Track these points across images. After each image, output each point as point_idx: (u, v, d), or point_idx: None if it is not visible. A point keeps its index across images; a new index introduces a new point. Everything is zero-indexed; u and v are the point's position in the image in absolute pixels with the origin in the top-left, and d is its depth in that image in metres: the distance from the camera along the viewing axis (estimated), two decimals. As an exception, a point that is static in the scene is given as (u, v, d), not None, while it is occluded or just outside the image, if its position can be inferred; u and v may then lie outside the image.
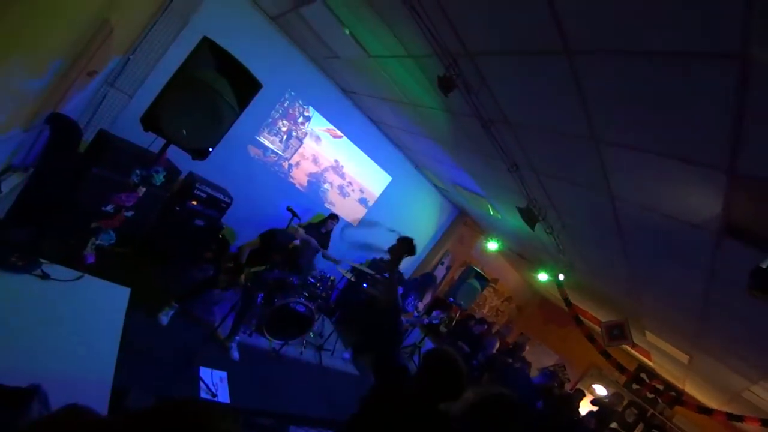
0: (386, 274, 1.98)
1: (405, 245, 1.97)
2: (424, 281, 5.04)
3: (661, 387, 7.10)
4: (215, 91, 2.24)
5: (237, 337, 3.66)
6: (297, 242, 3.94)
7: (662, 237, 2.84)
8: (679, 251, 2.89)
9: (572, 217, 3.76)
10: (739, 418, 4.96)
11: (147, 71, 3.99)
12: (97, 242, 2.73)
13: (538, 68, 2.07)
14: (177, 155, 3.00)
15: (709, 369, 4.98)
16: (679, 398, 6.40)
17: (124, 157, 3.37)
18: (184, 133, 2.26)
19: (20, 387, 1.06)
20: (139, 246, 4.10)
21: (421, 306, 5.57)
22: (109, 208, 2.73)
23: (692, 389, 6.96)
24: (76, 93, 3.22)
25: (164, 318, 3.41)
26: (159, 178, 2.72)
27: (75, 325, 1.83)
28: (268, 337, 4.29)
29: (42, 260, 2.01)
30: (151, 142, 3.25)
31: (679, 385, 7.43)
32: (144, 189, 2.77)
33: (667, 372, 7.29)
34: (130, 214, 3.81)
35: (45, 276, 1.96)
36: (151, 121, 2.18)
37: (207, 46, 2.24)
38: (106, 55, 3.11)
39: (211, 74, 2.26)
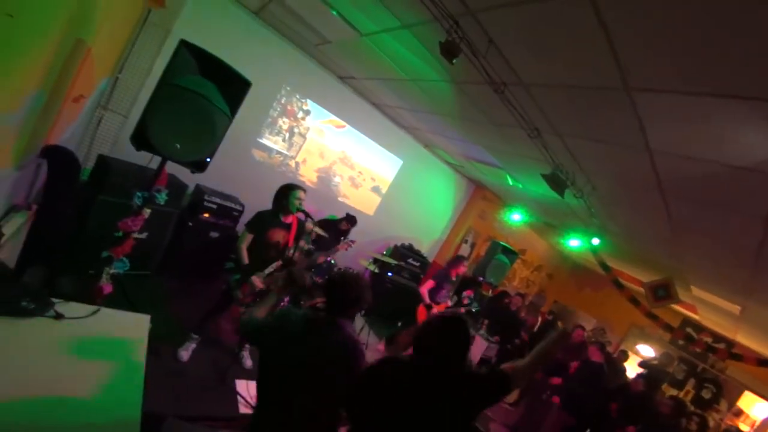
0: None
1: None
2: (451, 265, 4.89)
3: (709, 340, 6.77)
4: (202, 97, 2.07)
5: (247, 345, 3.51)
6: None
7: (710, 187, 2.57)
8: (730, 199, 2.62)
9: (604, 178, 3.48)
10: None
11: (138, 88, 3.86)
12: (112, 271, 2.65)
13: (555, 16, 1.82)
14: (181, 169, 2.86)
15: (765, 318, 4.67)
16: (734, 353, 6.01)
17: (125, 180, 3.27)
18: (178, 147, 2.12)
19: None
20: (158, 266, 4.05)
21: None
22: (118, 234, 2.64)
23: (745, 339, 6.62)
24: (69, 122, 3.12)
25: (184, 354, 3.16)
26: (162, 197, 2.61)
27: (95, 361, 1.75)
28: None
29: (54, 300, 1.93)
30: (150, 158, 3.12)
31: (730, 336, 7.08)
32: (149, 211, 2.66)
33: (716, 324, 6.94)
34: (144, 236, 3.73)
35: (59, 316, 1.88)
36: (140, 139, 2.04)
37: (186, 49, 2.07)
38: (91, 77, 2.98)
39: (195, 80, 2.10)
